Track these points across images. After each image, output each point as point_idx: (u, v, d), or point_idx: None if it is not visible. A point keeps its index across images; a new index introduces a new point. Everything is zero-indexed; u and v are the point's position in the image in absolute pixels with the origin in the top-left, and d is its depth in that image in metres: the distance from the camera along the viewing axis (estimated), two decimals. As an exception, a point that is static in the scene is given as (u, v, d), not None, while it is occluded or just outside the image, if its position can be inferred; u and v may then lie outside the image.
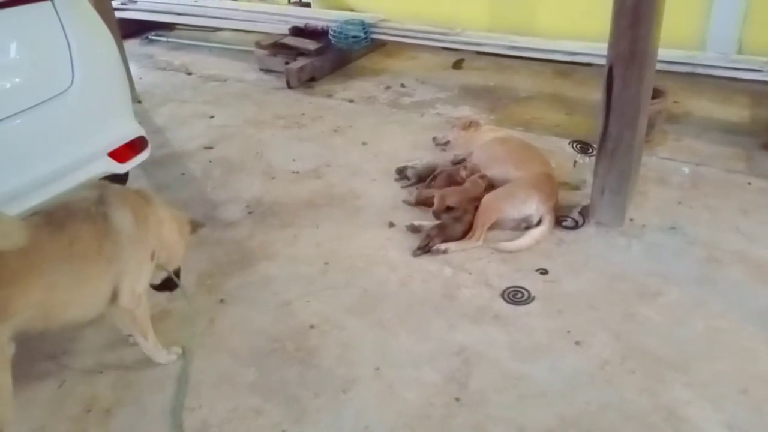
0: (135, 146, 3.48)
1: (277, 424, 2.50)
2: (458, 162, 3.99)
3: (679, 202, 3.72)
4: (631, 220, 3.56)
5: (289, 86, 5.98)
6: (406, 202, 3.90)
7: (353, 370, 2.73)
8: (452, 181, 3.83)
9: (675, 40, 4.33)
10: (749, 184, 3.86)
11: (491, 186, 3.68)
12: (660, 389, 2.54)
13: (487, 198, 3.59)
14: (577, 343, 2.80)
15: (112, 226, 2.41)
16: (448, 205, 3.65)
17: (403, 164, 4.29)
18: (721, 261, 3.22)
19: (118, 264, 2.44)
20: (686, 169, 4.05)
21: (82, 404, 2.64)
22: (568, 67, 5.72)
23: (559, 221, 3.57)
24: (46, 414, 2.59)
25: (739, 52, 5.07)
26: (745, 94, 4.96)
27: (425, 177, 4.06)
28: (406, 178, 4.16)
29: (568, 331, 2.86)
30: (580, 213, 3.61)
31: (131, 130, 3.47)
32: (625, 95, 3.13)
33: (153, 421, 2.55)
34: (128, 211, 2.49)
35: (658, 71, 3.66)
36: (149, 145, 3.62)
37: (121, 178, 3.90)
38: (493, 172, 3.80)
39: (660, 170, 4.04)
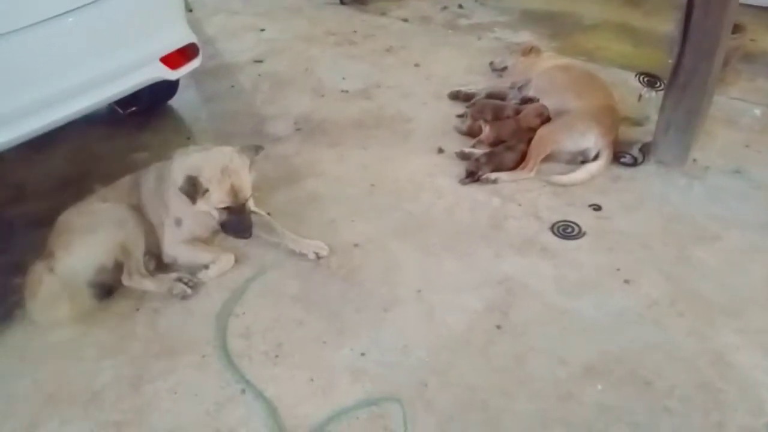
0: (187, 53, 3.44)
1: (318, 336, 2.54)
2: (526, 100, 3.78)
3: (747, 145, 3.51)
4: (694, 160, 3.39)
5: (342, 2, 5.79)
6: (458, 130, 3.78)
7: (395, 291, 2.73)
8: (501, 114, 3.65)
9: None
10: (825, 129, 3.62)
11: (548, 118, 3.51)
12: (709, 333, 2.47)
13: (544, 128, 3.44)
14: (626, 281, 2.73)
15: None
16: (501, 138, 3.52)
17: (456, 88, 4.15)
18: (788, 208, 3.06)
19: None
20: (758, 111, 3.81)
21: (131, 303, 2.73)
22: (638, -5, 5.38)
23: (617, 157, 3.42)
24: (95, 308, 2.68)
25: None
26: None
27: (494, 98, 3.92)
28: (471, 97, 4.02)
29: (618, 269, 2.79)
30: (641, 150, 3.45)
31: (184, 36, 3.42)
32: (706, 25, 2.91)
33: (199, 323, 2.62)
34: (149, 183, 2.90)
35: (740, 4, 3.37)
36: (200, 53, 3.57)
37: (171, 85, 3.90)
38: (552, 101, 3.62)
39: (729, 111, 3.80)
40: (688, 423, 2.17)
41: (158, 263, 2.88)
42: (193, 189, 2.62)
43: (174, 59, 3.33)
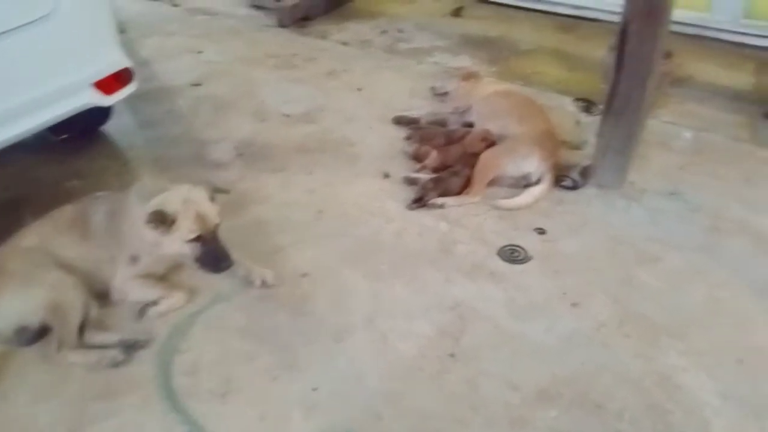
0: (121, 78, 3.31)
1: (268, 370, 2.46)
2: (468, 125, 3.83)
3: (681, 168, 3.66)
4: (632, 183, 3.49)
5: (282, 24, 5.74)
6: (406, 154, 3.78)
7: (346, 319, 2.68)
8: (450, 139, 3.69)
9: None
10: (753, 153, 3.80)
11: (493, 143, 3.56)
12: (655, 355, 2.53)
13: (487, 153, 3.49)
14: (573, 304, 2.77)
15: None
16: (447, 164, 3.54)
17: (400, 113, 4.16)
18: (724, 230, 3.18)
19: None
20: (689, 135, 3.98)
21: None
22: (571, 22, 5.57)
23: (558, 181, 3.49)
24: (37, 368, 2.51)
25: (746, 17, 4.93)
26: (750, 60, 4.85)
27: (435, 124, 3.97)
28: (415, 122, 4.03)
29: (565, 293, 2.83)
30: (581, 173, 3.53)
31: (118, 60, 3.30)
32: (639, 53, 3.02)
33: (141, 361, 2.50)
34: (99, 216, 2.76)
35: (667, 32, 3.54)
36: (136, 78, 3.45)
37: (105, 112, 3.75)
38: (494, 126, 3.68)
39: (662, 134, 3.95)
40: (640, 445, 2.20)
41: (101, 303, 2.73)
42: (161, 220, 2.52)
43: (108, 84, 3.20)
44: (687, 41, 4.65)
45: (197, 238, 2.58)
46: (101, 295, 2.73)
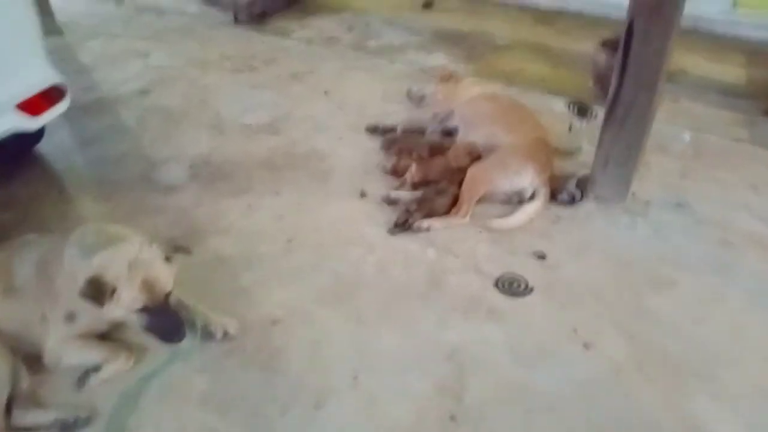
0: (50, 96, 2.89)
1: (236, 449, 2.06)
2: (447, 133, 3.45)
3: (683, 175, 3.36)
4: (634, 194, 3.18)
5: (237, 21, 5.29)
6: (383, 169, 3.38)
7: (327, 378, 2.29)
8: (435, 151, 3.32)
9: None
10: (755, 155, 3.53)
11: (479, 156, 3.20)
12: (684, 402, 2.21)
13: (475, 168, 3.12)
14: (585, 345, 2.43)
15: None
16: (429, 179, 3.17)
17: (374, 122, 3.77)
18: (735, 244, 2.89)
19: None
20: (687, 137, 3.68)
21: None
22: (550, 13, 5.23)
23: (553, 195, 3.15)
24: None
25: (736, 6, 4.68)
26: (739, 52, 4.61)
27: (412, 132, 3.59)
28: (391, 130, 3.64)
29: (575, 330, 2.49)
30: (578, 186, 3.19)
31: (45, 77, 2.86)
32: (646, 53, 2.69)
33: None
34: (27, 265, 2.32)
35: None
36: (69, 92, 3.02)
37: (35, 135, 3.29)
38: (479, 134, 3.32)
39: (660, 137, 3.62)
40: None
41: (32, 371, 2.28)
42: (97, 292, 2.07)
43: (34, 105, 2.75)
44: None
45: (143, 309, 2.14)
46: (32, 361, 2.28)
